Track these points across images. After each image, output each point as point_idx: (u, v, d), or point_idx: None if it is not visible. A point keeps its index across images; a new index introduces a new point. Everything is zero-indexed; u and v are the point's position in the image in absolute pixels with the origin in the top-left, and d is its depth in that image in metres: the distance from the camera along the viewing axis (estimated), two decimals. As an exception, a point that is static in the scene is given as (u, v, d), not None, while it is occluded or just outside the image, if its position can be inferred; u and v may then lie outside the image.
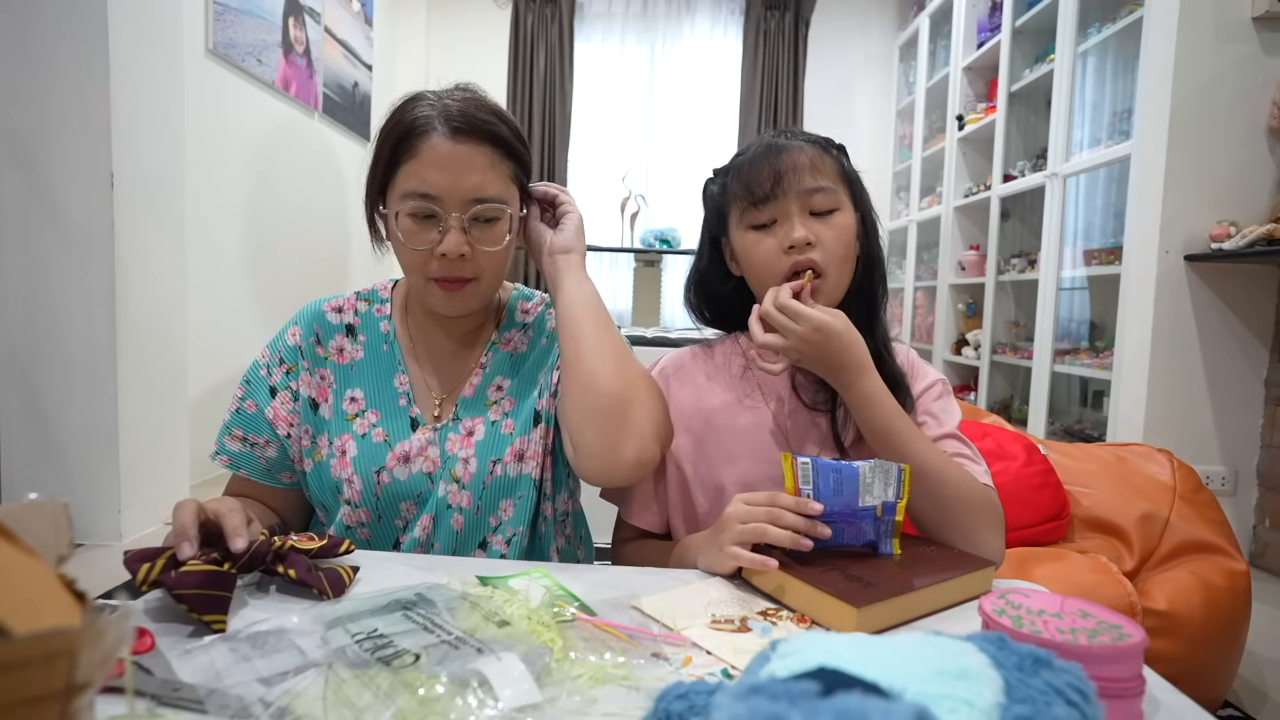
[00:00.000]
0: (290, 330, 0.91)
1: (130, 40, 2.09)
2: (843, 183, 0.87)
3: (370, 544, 0.87)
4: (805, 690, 0.30)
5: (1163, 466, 1.58)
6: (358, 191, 0.87)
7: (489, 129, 0.81)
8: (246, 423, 0.88)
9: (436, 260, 0.81)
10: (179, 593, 0.55)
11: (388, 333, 0.92)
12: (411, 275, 0.85)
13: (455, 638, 0.53)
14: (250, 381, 0.89)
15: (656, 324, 3.90)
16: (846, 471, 0.71)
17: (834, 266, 0.84)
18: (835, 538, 0.72)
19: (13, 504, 0.33)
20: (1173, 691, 0.52)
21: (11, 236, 2.04)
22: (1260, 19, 2.16)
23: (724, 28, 4.80)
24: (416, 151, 0.79)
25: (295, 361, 0.89)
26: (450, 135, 0.79)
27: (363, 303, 0.94)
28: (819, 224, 0.84)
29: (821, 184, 0.84)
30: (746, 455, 0.88)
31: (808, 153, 0.85)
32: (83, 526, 2.09)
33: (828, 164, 0.86)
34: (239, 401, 0.89)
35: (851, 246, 0.86)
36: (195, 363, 2.50)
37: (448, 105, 0.81)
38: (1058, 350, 2.86)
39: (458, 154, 0.79)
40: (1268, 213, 2.17)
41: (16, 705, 0.26)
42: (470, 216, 0.80)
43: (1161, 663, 0.57)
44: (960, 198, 3.72)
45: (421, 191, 0.79)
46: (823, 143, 0.89)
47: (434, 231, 0.80)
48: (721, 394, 0.92)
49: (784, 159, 0.84)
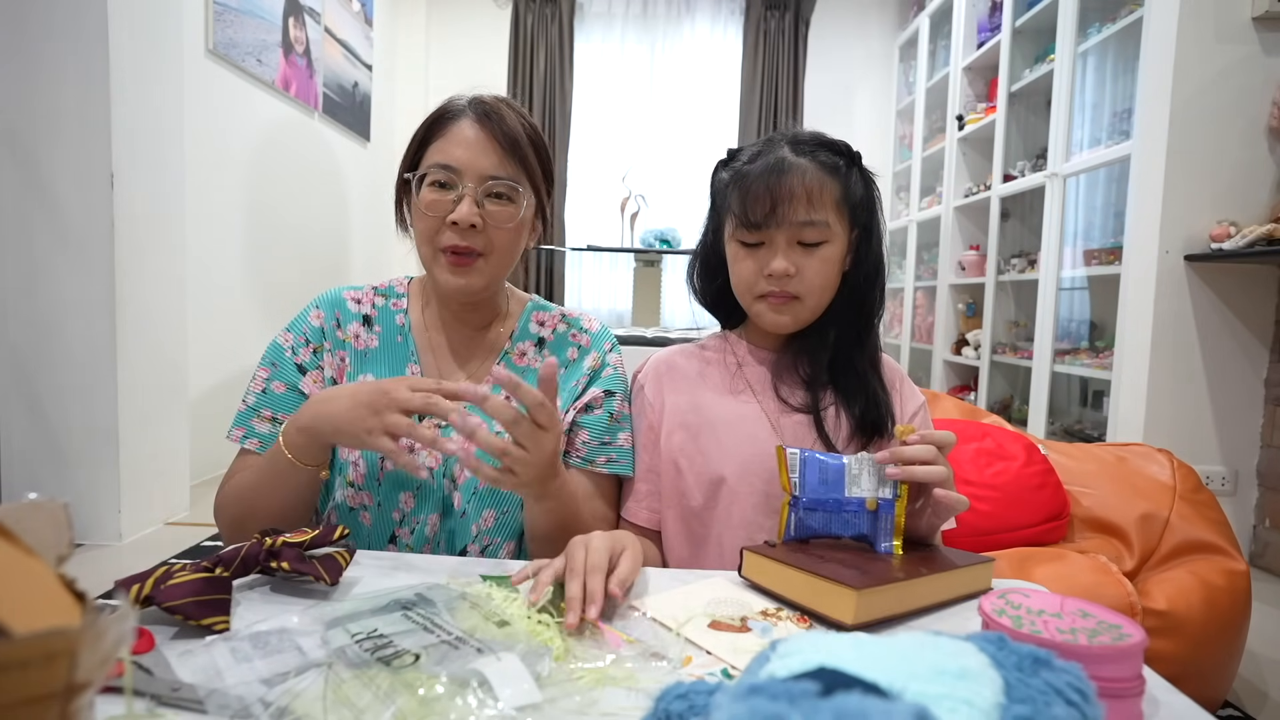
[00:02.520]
0: (312, 313, 0.93)
1: (130, 40, 2.09)
2: (842, 209, 0.87)
3: (370, 529, 0.88)
4: (805, 690, 0.30)
5: (1163, 466, 1.58)
6: (358, 191, 0.89)
7: (510, 125, 0.88)
8: (277, 403, 0.88)
9: (448, 228, 0.86)
10: (170, 605, 0.55)
11: (403, 325, 0.94)
12: (424, 246, 0.89)
13: (455, 638, 0.53)
14: (276, 364, 0.90)
15: (656, 324, 3.90)
16: (832, 463, 0.74)
17: (812, 295, 0.87)
18: (824, 527, 0.74)
19: (13, 504, 0.33)
20: (1173, 691, 0.52)
21: (11, 236, 2.04)
22: (1260, 19, 2.16)
23: (724, 28, 4.80)
24: (446, 131, 0.88)
25: (320, 342, 0.91)
26: (476, 120, 0.87)
27: (379, 297, 0.96)
28: (803, 255, 0.86)
29: (814, 218, 0.85)
30: (742, 448, 0.88)
31: (810, 178, 0.85)
32: (83, 526, 2.09)
33: (828, 191, 0.86)
34: (265, 383, 0.89)
35: (833, 274, 0.88)
36: (195, 363, 2.51)
37: (482, 98, 0.90)
38: (1058, 350, 2.86)
39: (481, 136, 0.87)
40: (1268, 213, 2.17)
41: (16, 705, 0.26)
42: (484, 191, 0.86)
43: (1161, 663, 0.58)
44: (960, 198, 3.72)
45: (443, 163, 0.86)
46: (831, 163, 0.87)
47: (449, 201, 0.86)
48: (715, 389, 0.93)
49: (784, 185, 0.84)
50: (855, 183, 0.89)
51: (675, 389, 0.94)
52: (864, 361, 0.91)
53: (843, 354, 0.90)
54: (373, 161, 4.26)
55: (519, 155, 0.88)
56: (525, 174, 0.89)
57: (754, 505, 0.87)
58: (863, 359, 0.91)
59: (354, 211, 4.06)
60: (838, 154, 0.89)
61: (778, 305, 0.88)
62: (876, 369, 0.92)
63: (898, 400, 0.93)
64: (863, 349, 0.91)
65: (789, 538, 0.75)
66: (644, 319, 3.95)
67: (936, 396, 1.97)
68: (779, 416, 0.90)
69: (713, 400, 0.92)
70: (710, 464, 0.89)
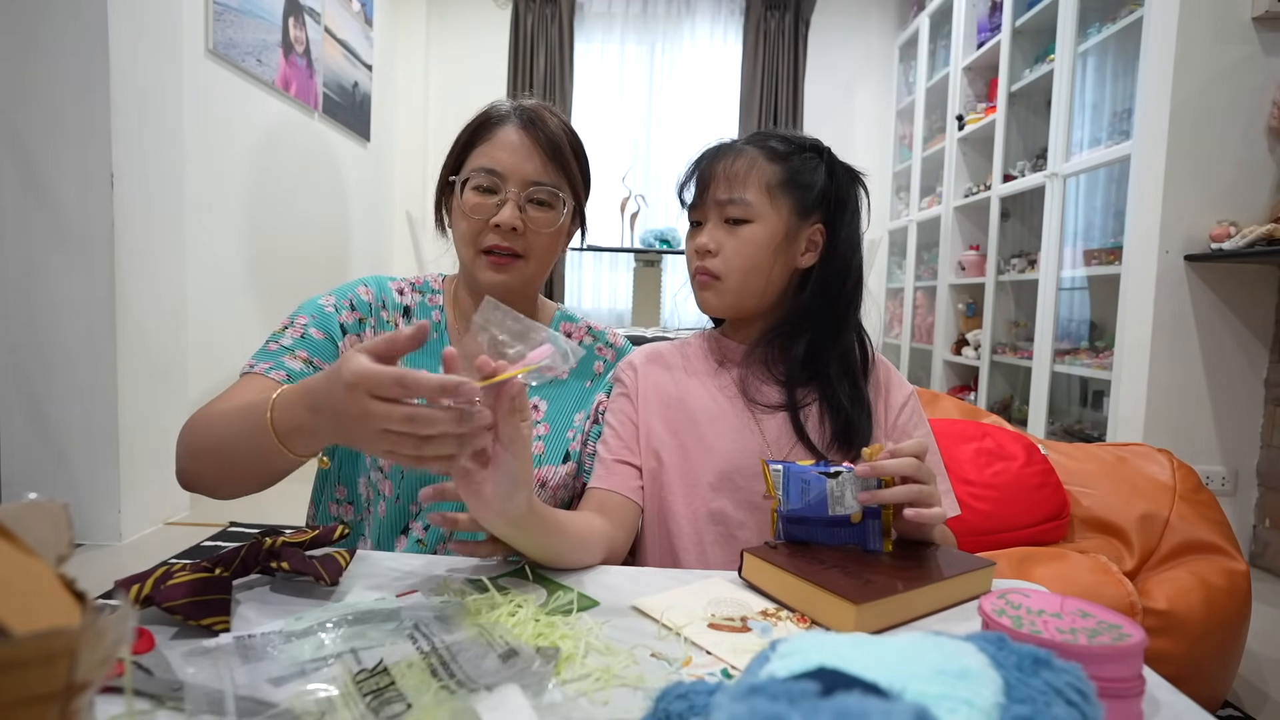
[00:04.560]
0: (360, 287, 0.93)
1: (130, 40, 2.09)
2: (776, 192, 0.87)
3: (383, 520, 0.89)
4: (805, 690, 0.30)
5: (1163, 466, 1.58)
6: (358, 191, 0.89)
7: (553, 131, 0.90)
8: (315, 348, 0.85)
9: (491, 230, 0.87)
10: (170, 605, 0.55)
11: (439, 321, 0.96)
12: (465, 249, 0.91)
13: (452, 670, 0.49)
14: (316, 316, 0.87)
15: (656, 324, 3.90)
16: (814, 482, 0.72)
17: (733, 275, 0.88)
18: (811, 538, 0.74)
19: (13, 504, 0.33)
20: (1173, 691, 0.52)
21: (11, 236, 2.04)
22: (1260, 19, 2.16)
23: (724, 28, 4.80)
24: (491, 136, 0.89)
25: (367, 315, 0.91)
26: (521, 126, 0.89)
27: (416, 293, 0.97)
28: (726, 233, 0.88)
29: (735, 195, 0.87)
30: (723, 445, 0.88)
31: (741, 161, 0.88)
32: (83, 526, 2.09)
33: (758, 173, 0.87)
34: (304, 328, 0.86)
35: (760, 257, 0.88)
36: (195, 363, 2.51)
37: (525, 105, 0.91)
38: (1058, 350, 2.86)
39: (525, 141, 0.88)
40: (1268, 213, 2.17)
41: (16, 705, 0.26)
42: (527, 196, 0.88)
43: (1161, 663, 0.58)
44: (960, 198, 3.72)
45: (488, 168, 0.88)
46: (778, 150, 0.88)
47: (493, 204, 0.88)
48: (698, 385, 0.93)
49: (715, 166, 0.89)
50: (810, 171, 0.89)
51: (660, 373, 0.95)
52: (835, 363, 0.89)
53: (817, 352, 0.89)
54: (373, 161, 4.26)
55: (561, 161, 0.90)
56: (566, 180, 0.91)
57: (735, 504, 0.86)
58: (834, 360, 0.89)
59: (354, 211, 4.06)
60: (798, 145, 0.90)
61: (702, 283, 0.91)
62: (850, 371, 0.90)
63: (881, 400, 0.92)
64: (834, 349, 0.90)
65: (775, 543, 0.75)
66: (644, 319, 3.95)
67: (936, 396, 1.97)
68: (759, 414, 0.89)
69: (695, 396, 0.92)
70: (691, 460, 0.88)
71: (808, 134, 0.94)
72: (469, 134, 0.92)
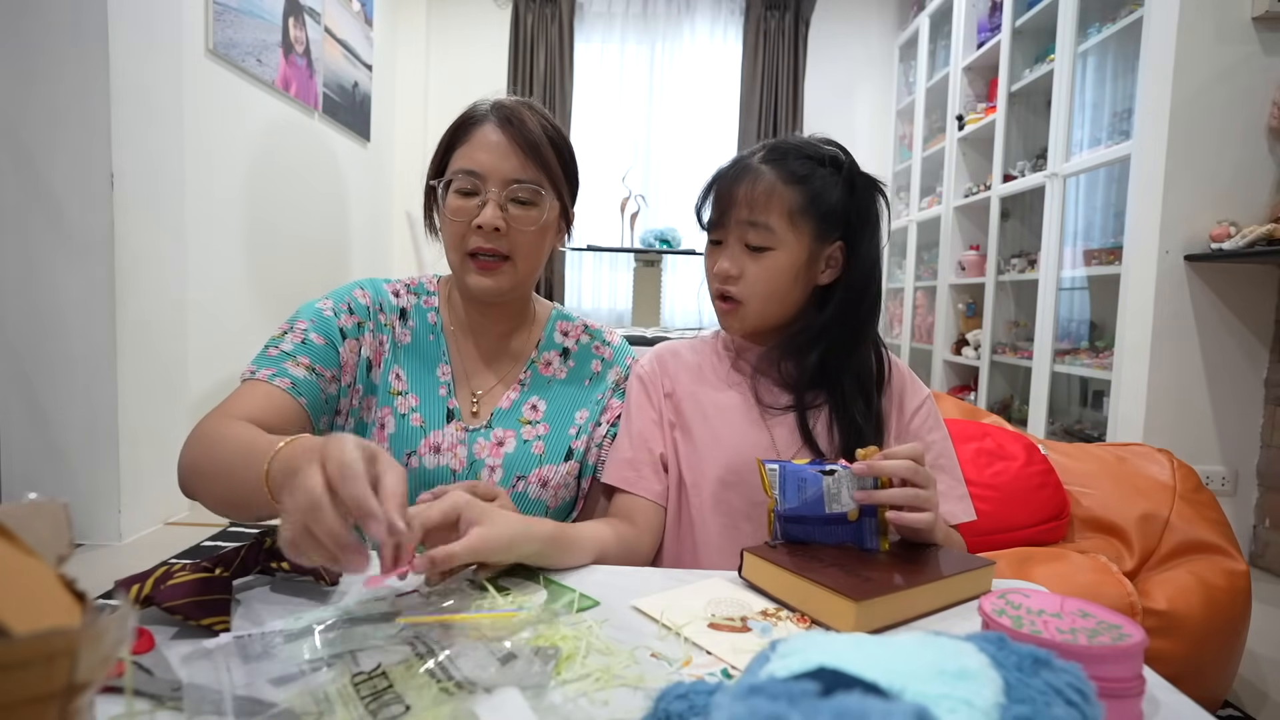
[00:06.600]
0: (357, 290, 0.92)
1: (130, 40, 2.09)
2: (797, 219, 0.85)
3: None
4: (805, 690, 0.30)
5: (1163, 466, 1.58)
6: (358, 191, 0.89)
7: (531, 128, 0.88)
8: (316, 354, 0.85)
9: (474, 232, 0.87)
10: (170, 605, 0.55)
11: (435, 324, 0.96)
12: (452, 252, 0.90)
13: (454, 672, 0.49)
14: (315, 320, 0.87)
15: (656, 324, 3.90)
16: (811, 481, 0.72)
17: (754, 301, 0.88)
18: (808, 537, 0.74)
19: (13, 504, 0.33)
20: (1173, 691, 0.52)
21: (11, 236, 2.04)
22: (1260, 19, 2.16)
23: (724, 28, 4.80)
24: (470, 137, 0.88)
25: (365, 318, 0.91)
26: (498, 124, 0.88)
27: (411, 295, 0.97)
28: (749, 259, 0.87)
29: (758, 220, 0.85)
30: (731, 443, 0.88)
31: (761, 185, 0.85)
32: (83, 526, 2.09)
33: (780, 199, 0.85)
34: (304, 333, 0.85)
35: (782, 285, 0.87)
36: (195, 363, 2.51)
37: (503, 103, 0.90)
38: (1058, 350, 2.86)
39: (503, 140, 0.87)
40: (1268, 213, 2.17)
41: (16, 705, 0.26)
42: (508, 195, 0.87)
43: (1161, 663, 0.57)
44: (960, 198, 3.72)
45: (467, 169, 0.87)
46: (799, 172, 0.86)
47: (474, 206, 0.87)
48: (710, 383, 0.93)
49: (737, 188, 0.87)
50: (830, 191, 0.86)
51: (677, 367, 0.95)
52: (850, 377, 0.88)
53: (832, 363, 0.88)
54: (373, 161, 4.26)
55: (540, 158, 0.88)
56: (547, 177, 0.89)
57: (742, 501, 0.87)
58: (849, 374, 0.89)
59: (354, 211, 4.05)
60: (817, 162, 0.87)
61: (723, 310, 0.91)
62: (865, 388, 0.89)
63: (895, 406, 0.92)
64: (849, 361, 0.89)
65: (775, 543, 0.75)
66: (644, 319, 3.95)
67: (937, 396, 1.97)
68: (769, 416, 0.90)
69: (706, 393, 0.92)
70: (698, 456, 0.89)
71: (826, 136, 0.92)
72: (449, 136, 0.91)
